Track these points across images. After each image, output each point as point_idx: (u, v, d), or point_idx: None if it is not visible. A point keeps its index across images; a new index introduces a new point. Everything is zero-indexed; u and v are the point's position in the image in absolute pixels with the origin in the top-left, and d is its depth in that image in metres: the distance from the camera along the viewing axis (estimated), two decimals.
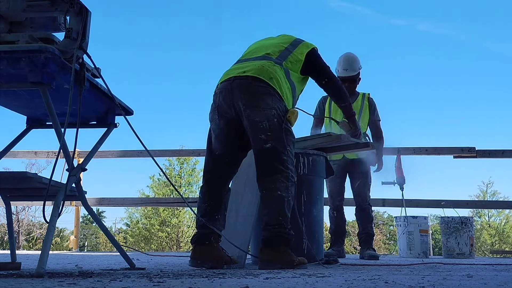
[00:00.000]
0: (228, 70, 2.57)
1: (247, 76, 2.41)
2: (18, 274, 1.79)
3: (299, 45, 2.62)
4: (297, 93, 2.62)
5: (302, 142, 2.95)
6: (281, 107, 2.39)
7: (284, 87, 2.45)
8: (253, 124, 2.35)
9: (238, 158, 2.55)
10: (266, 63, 2.47)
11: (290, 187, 2.34)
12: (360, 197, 4.12)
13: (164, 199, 11.78)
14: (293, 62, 2.54)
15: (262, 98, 2.36)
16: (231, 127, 2.46)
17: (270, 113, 2.34)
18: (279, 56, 2.54)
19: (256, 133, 2.35)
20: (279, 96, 2.40)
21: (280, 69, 2.47)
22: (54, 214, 1.80)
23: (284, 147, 2.35)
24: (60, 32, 1.93)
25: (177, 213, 20.54)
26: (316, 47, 2.67)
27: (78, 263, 2.83)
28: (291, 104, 2.54)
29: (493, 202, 17.97)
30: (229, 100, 2.42)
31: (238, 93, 2.39)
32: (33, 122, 2.37)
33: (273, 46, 2.62)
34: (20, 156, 6.09)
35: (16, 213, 21.17)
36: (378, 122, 4.24)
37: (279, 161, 2.33)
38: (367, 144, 3.06)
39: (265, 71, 2.42)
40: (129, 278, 1.62)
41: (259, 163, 2.38)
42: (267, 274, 1.86)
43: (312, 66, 2.60)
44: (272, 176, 2.32)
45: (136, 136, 2.05)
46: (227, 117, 2.45)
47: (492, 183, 22.86)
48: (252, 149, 2.43)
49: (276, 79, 2.41)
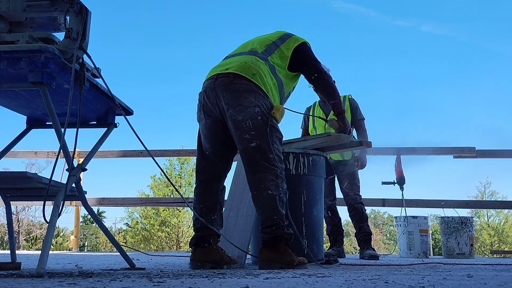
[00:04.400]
0: (214, 67, 2.52)
1: (229, 74, 2.35)
2: (18, 274, 1.79)
3: (288, 40, 2.56)
4: (287, 90, 2.56)
5: (302, 142, 2.95)
6: (266, 104, 2.34)
7: (269, 83, 2.40)
8: (236, 124, 2.31)
9: (230, 156, 2.51)
10: (249, 58, 2.42)
11: (280, 183, 2.31)
12: (349, 197, 4.16)
13: (164, 199, 11.77)
14: (280, 58, 2.48)
15: (245, 96, 2.31)
16: (218, 126, 2.42)
17: (253, 111, 2.30)
18: (265, 50, 2.49)
19: (240, 132, 2.31)
20: (263, 93, 2.34)
21: (264, 64, 2.42)
22: (54, 214, 1.79)
23: (269, 145, 2.31)
24: (60, 32, 1.93)
25: (177, 213, 20.53)
26: (306, 42, 2.60)
27: (78, 263, 2.83)
28: (278, 101, 2.49)
29: (493, 202, 17.94)
30: (213, 99, 2.38)
31: (221, 92, 2.35)
32: (33, 122, 2.37)
33: (259, 40, 2.57)
34: (20, 156, 6.09)
35: (16, 213, 21.16)
36: (361, 121, 4.26)
37: (266, 160, 2.29)
38: (361, 142, 3.06)
39: (247, 67, 2.36)
40: (129, 278, 1.62)
41: (245, 163, 2.35)
42: (267, 274, 1.86)
43: (301, 61, 2.53)
44: (260, 175, 2.29)
45: (136, 136, 2.05)
46: (213, 116, 2.41)
47: (490, 183, 22.86)
48: (238, 149, 2.40)
49: (260, 75, 2.36)
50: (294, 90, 2.68)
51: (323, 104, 4.23)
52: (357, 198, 4.14)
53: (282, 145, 2.45)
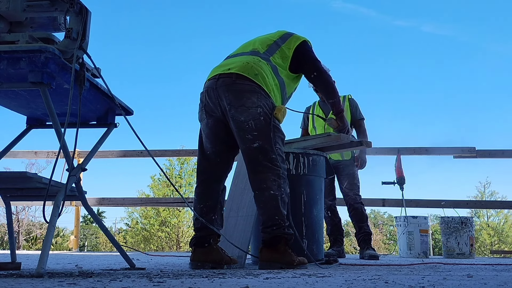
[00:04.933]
0: (215, 67, 2.51)
1: (231, 74, 2.35)
2: (18, 274, 1.79)
3: (289, 39, 2.55)
4: (288, 90, 2.56)
5: (302, 142, 2.95)
6: (268, 104, 2.34)
7: (271, 84, 2.40)
8: (238, 124, 2.31)
9: (231, 156, 2.51)
10: (251, 58, 2.42)
11: (282, 184, 2.31)
12: (349, 197, 4.16)
13: (164, 199, 11.77)
14: (281, 59, 2.48)
15: (247, 96, 2.30)
16: (220, 126, 2.42)
17: (255, 112, 2.30)
18: (267, 50, 2.49)
19: (243, 133, 2.31)
20: (265, 93, 2.34)
21: (266, 65, 2.42)
22: (54, 214, 1.79)
23: (272, 145, 2.31)
24: (60, 32, 1.93)
25: (177, 213, 20.53)
26: (307, 40, 2.60)
27: (78, 263, 2.83)
28: (280, 101, 2.49)
29: (493, 202, 17.96)
30: (215, 99, 2.37)
31: (223, 92, 2.34)
32: (33, 122, 2.37)
33: (261, 40, 2.56)
34: (20, 156, 6.09)
35: (16, 213, 21.15)
36: (361, 121, 4.26)
37: (268, 160, 2.29)
38: (361, 142, 3.06)
39: (249, 67, 2.36)
40: (129, 278, 1.62)
41: (247, 163, 2.35)
42: (267, 274, 1.86)
43: (301, 59, 2.52)
44: (262, 175, 2.29)
45: (136, 136, 2.05)
46: (215, 116, 2.41)
47: (489, 183, 22.86)
48: (240, 149, 2.39)
49: (262, 75, 2.35)
50: (295, 91, 2.68)
51: (323, 104, 4.23)
52: (357, 198, 4.14)
53: (284, 145, 2.45)
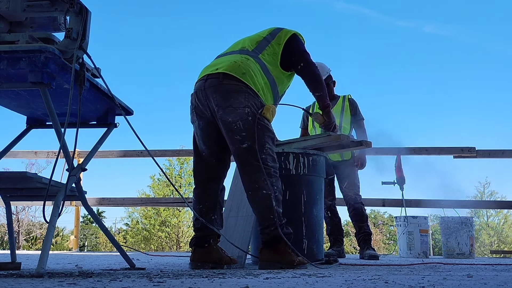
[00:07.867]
0: (205, 67, 2.50)
1: (218, 74, 2.33)
2: (18, 274, 1.79)
3: (278, 34, 2.52)
4: (280, 88, 2.52)
5: (302, 142, 2.95)
6: (256, 104, 2.31)
7: (260, 82, 2.37)
8: (227, 125, 2.29)
9: (226, 156, 2.50)
10: (239, 57, 2.39)
11: (274, 182, 2.29)
12: (348, 197, 4.16)
13: (164, 199, 11.77)
14: (271, 55, 2.45)
15: (234, 96, 2.28)
16: (211, 127, 2.40)
17: (243, 112, 2.27)
18: (256, 48, 2.46)
19: (231, 134, 2.29)
20: (253, 92, 2.31)
21: (255, 63, 2.39)
22: (54, 214, 1.80)
23: (261, 145, 2.29)
24: (60, 32, 1.93)
25: (177, 213, 20.53)
26: (297, 33, 2.56)
27: (78, 263, 2.83)
28: (271, 100, 2.45)
29: (494, 202, 17.96)
30: (204, 100, 2.36)
31: (210, 93, 2.32)
32: (33, 122, 2.37)
33: (250, 38, 2.54)
34: (20, 156, 6.09)
35: (16, 213, 21.14)
36: (361, 121, 4.26)
37: (258, 160, 2.27)
38: (361, 142, 3.06)
39: (237, 66, 2.33)
40: (129, 278, 1.62)
41: (238, 164, 2.33)
42: (267, 274, 1.86)
43: (290, 51, 2.48)
44: (254, 175, 2.27)
45: (136, 136, 2.05)
46: (205, 117, 2.39)
47: (489, 183, 22.86)
48: (230, 150, 2.38)
49: (250, 74, 2.33)
50: (288, 88, 2.63)
51: None
52: (357, 198, 4.14)
53: (275, 144, 2.43)
